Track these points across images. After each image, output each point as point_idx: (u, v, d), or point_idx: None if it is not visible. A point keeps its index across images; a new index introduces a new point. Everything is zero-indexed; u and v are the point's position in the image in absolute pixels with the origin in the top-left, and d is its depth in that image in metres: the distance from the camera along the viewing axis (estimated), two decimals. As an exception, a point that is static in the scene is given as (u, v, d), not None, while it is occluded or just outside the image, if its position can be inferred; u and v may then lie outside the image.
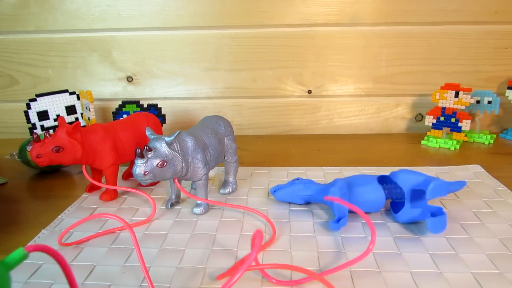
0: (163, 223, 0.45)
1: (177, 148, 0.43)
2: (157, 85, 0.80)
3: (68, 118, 0.74)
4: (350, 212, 0.45)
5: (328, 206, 0.47)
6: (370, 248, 0.33)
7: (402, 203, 0.43)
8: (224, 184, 0.53)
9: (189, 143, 0.44)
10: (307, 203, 0.48)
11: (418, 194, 0.42)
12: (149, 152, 0.41)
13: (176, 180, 0.45)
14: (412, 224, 0.43)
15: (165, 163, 0.42)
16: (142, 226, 0.44)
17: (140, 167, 0.41)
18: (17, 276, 0.36)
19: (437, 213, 0.41)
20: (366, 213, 0.45)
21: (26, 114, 0.70)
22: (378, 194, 0.43)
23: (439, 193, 0.40)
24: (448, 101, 0.68)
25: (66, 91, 0.73)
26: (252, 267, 0.35)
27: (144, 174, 0.41)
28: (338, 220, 0.42)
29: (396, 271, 0.35)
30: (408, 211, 0.42)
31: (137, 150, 0.40)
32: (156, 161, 0.41)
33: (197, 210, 0.47)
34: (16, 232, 0.45)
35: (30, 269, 0.37)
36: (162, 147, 0.42)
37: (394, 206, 0.45)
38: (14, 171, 0.63)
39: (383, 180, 0.45)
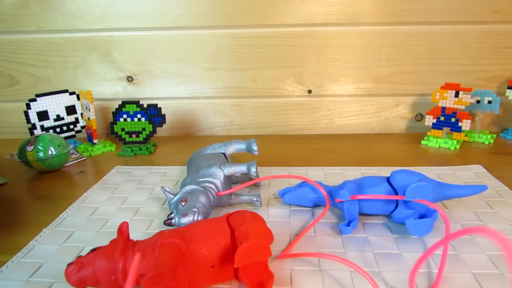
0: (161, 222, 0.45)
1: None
2: (157, 85, 0.80)
3: (68, 118, 0.74)
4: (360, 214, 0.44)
5: (335, 208, 0.47)
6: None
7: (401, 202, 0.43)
8: None
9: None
10: (317, 205, 0.48)
11: None
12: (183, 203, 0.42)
13: None
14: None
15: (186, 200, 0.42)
16: (143, 225, 0.44)
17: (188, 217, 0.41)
18: (18, 275, 0.36)
19: (427, 215, 0.41)
20: (376, 215, 0.45)
21: (26, 114, 0.70)
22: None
23: (422, 195, 0.40)
24: (448, 101, 0.68)
25: (66, 91, 0.73)
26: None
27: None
28: (349, 223, 0.42)
29: (396, 271, 0.35)
30: (401, 211, 0.42)
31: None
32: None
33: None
34: (16, 232, 0.45)
35: (31, 268, 0.37)
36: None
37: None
38: (14, 171, 0.63)
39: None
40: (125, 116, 0.69)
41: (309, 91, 0.79)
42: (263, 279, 0.33)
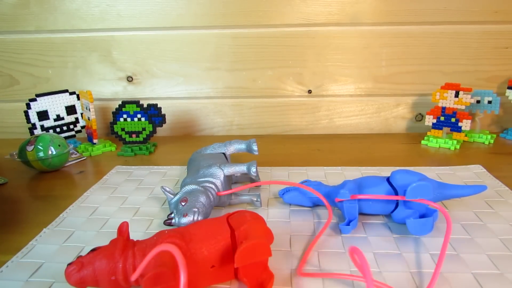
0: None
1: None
2: (157, 85, 0.80)
3: (68, 118, 0.74)
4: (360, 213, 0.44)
5: (335, 208, 0.47)
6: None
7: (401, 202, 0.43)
8: None
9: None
10: (316, 205, 0.48)
11: None
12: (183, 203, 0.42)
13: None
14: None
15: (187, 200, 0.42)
16: (143, 225, 0.44)
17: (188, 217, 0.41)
18: (18, 275, 0.36)
19: (428, 215, 0.41)
20: (376, 214, 0.45)
21: (26, 114, 0.70)
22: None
23: (422, 194, 0.40)
24: (448, 101, 0.68)
25: (66, 91, 0.73)
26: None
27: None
28: (348, 223, 0.42)
29: (396, 271, 0.35)
30: (402, 211, 0.42)
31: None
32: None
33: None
34: (16, 232, 0.44)
35: (31, 268, 0.37)
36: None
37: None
38: (14, 171, 0.63)
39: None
40: (125, 116, 0.69)
41: (309, 91, 0.79)
42: (263, 279, 0.33)
